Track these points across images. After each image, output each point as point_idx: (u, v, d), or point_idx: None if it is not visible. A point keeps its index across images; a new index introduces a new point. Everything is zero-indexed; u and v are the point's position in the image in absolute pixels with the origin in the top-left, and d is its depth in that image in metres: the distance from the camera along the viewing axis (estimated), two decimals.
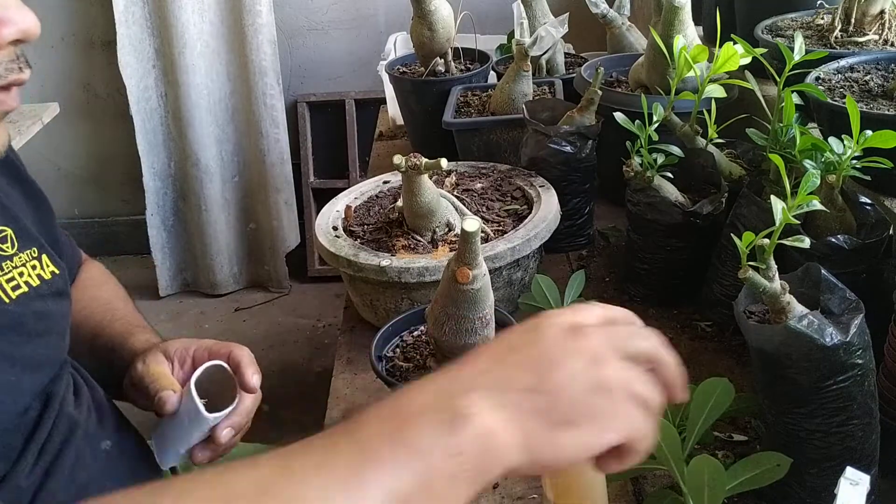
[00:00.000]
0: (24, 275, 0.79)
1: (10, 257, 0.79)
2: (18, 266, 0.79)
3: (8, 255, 0.78)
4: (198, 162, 2.73)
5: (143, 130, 2.73)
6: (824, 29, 1.32)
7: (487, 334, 0.88)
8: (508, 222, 1.20)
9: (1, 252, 0.78)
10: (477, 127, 1.47)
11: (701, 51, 1.11)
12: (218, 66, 2.70)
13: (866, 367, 0.72)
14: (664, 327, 1.14)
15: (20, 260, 0.79)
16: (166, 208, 2.84)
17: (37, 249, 0.82)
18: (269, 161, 2.76)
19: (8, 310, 0.76)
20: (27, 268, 0.80)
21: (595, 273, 1.31)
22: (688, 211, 1.12)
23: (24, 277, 0.79)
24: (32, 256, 0.81)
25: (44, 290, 0.81)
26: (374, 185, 1.35)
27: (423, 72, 1.71)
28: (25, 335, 0.77)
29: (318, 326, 2.69)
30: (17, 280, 0.78)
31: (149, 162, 2.76)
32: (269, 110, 2.71)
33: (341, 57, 2.91)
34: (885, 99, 1.06)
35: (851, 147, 0.86)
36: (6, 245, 0.79)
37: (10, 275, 0.78)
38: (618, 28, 1.70)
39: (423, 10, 1.61)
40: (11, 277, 0.78)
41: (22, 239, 0.81)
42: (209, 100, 2.70)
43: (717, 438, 0.93)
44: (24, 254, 0.80)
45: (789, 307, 0.73)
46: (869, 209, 0.93)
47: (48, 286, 0.82)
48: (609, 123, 1.23)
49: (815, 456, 0.75)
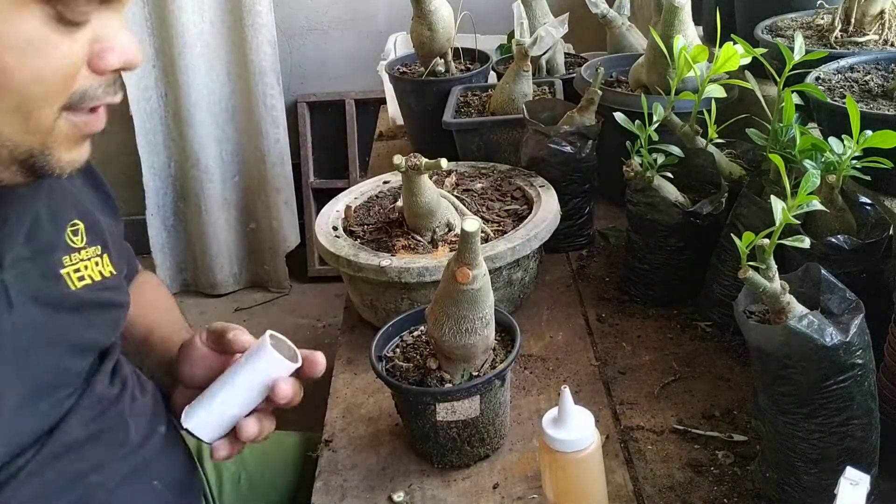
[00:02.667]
0: (87, 268, 0.83)
1: (79, 250, 0.83)
2: (84, 259, 0.83)
3: (76, 248, 0.82)
4: (198, 162, 2.73)
5: (143, 130, 2.73)
6: (824, 29, 1.32)
7: (487, 334, 0.88)
8: (508, 222, 1.20)
9: (71, 243, 0.82)
10: (477, 127, 1.47)
11: (701, 51, 1.11)
12: (218, 66, 2.70)
13: (866, 367, 0.72)
14: (664, 327, 1.15)
15: (87, 254, 0.83)
16: (166, 208, 2.84)
17: (101, 248, 0.86)
18: (269, 161, 2.76)
19: (73, 294, 0.80)
20: (91, 263, 0.84)
21: (595, 273, 1.31)
22: (688, 211, 1.12)
23: (88, 271, 0.83)
24: (97, 254, 0.85)
25: (102, 286, 0.85)
26: (374, 185, 1.35)
27: (423, 72, 1.71)
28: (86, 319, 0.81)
29: (318, 326, 2.69)
30: (83, 272, 0.82)
31: (149, 162, 2.76)
32: (269, 110, 2.71)
33: (341, 57, 2.91)
34: (885, 99, 1.06)
35: (851, 147, 0.86)
36: (77, 238, 0.83)
37: (77, 266, 0.82)
38: (618, 28, 1.70)
39: (423, 10, 1.61)
40: (78, 269, 0.82)
41: (91, 235, 0.85)
42: (209, 100, 2.69)
43: (717, 438, 0.93)
44: (91, 249, 0.84)
45: (789, 307, 0.73)
46: (869, 209, 0.93)
47: (106, 284, 0.85)
48: (609, 123, 1.23)
49: (815, 456, 0.75)
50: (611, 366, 1.08)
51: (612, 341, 1.13)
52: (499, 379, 0.89)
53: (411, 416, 0.92)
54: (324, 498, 0.91)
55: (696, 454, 0.91)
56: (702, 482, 0.87)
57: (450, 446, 0.91)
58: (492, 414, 0.91)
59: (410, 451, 0.97)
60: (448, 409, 0.88)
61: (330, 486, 0.93)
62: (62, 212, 0.82)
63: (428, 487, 0.91)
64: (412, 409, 0.91)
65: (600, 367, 1.08)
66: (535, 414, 1.00)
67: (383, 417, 1.03)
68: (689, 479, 0.88)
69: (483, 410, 0.90)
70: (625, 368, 1.07)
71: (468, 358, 0.89)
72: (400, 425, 0.99)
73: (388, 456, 0.97)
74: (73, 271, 0.81)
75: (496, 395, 0.91)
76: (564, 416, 0.77)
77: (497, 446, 0.95)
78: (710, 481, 0.87)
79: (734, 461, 0.90)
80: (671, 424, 0.96)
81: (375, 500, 0.90)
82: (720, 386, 1.02)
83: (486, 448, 0.93)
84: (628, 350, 1.11)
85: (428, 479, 0.93)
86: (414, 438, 0.95)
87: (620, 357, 1.10)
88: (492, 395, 0.90)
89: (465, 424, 0.90)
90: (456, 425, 0.89)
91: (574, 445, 0.76)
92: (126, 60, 0.66)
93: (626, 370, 1.07)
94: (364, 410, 1.05)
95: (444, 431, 0.90)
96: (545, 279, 1.29)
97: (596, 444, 0.78)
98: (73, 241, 0.82)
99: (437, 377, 0.89)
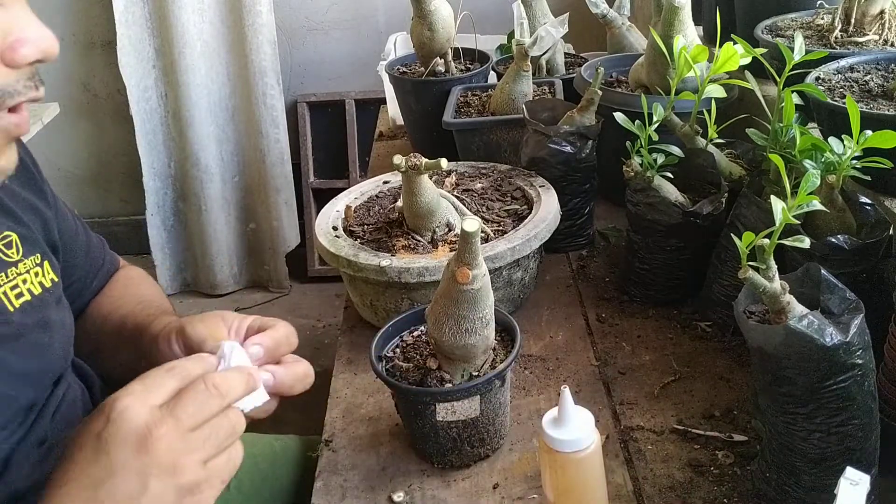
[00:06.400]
0: (27, 282, 0.78)
1: (15, 263, 0.78)
2: (22, 273, 0.78)
3: (13, 262, 0.78)
4: (198, 162, 2.73)
5: (143, 130, 2.73)
6: (824, 29, 1.32)
7: (487, 334, 0.88)
8: (508, 222, 1.20)
9: (6, 258, 0.77)
10: (477, 127, 1.47)
11: (701, 51, 1.11)
12: (218, 66, 2.70)
13: (866, 367, 0.72)
14: (664, 327, 1.15)
15: (24, 266, 0.79)
16: (166, 208, 2.85)
17: (40, 256, 0.82)
18: (269, 161, 2.76)
19: (12, 320, 0.75)
20: (30, 275, 0.79)
21: (595, 273, 1.31)
22: (688, 211, 1.12)
23: (27, 285, 0.78)
24: (36, 263, 0.80)
25: (46, 298, 0.80)
26: (374, 185, 1.35)
27: (423, 72, 1.71)
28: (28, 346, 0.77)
29: (318, 326, 2.69)
30: (21, 287, 0.77)
31: (149, 162, 2.76)
32: (269, 110, 2.71)
33: (341, 57, 2.91)
34: (885, 99, 1.06)
35: (851, 147, 0.86)
36: (11, 251, 0.78)
37: (15, 282, 0.77)
38: (618, 28, 1.70)
39: (423, 10, 1.61)
40: (15, 285, 0.77)
41: (27, 244, 0.80)
42: (209, 100, 2.70)
43: (716, 438, 0.93)
44: (29, 260, 0.80)
45: (789, 307, 0.73)
46: (869, 209, 0.93)
47: (49, 294, 0.81)
48: (609, 123, 1.23)
49: (815, 456, 0.75)
50: (611, 366, 1.08)
51: (612, 341, 1.13)
52: (499, 379, 0.89)
53: (411, 416, 0.92)
54: (324, 498, 0.91)
55: (696, 454, 0.91)
56: (702, 482, 0.87)
57: (450, 446, 0.91)
58: (492, 414, 0.91)
59: (410, 451, 0.97)
60: (448, 409, 0.88)
61: (330, 486, 0.93)
62: None
63: (428, 487, 0.91)
64: (412, 409, 0.91)
65: (600, 367, 1.08)
66: (535, 414, 1.00)
67: (383, 417, 1.03)
68: (689, 479, 0.88)
69: (483, 410, 0.90)
70: (625, 368, 1.07)
71: (468, 358, 0.89)
72: (400, 425, 0.99)
73: (388, 456, 0.97)
74: (9, 289, 0.76)
75: (496, 395, 0.91)
76: (564, 416, 0.77)
77: (497, 446, 0.95)
78: (710, 481, 0.87)
79: (734, 461, 0.90)
80: (671, 424, 0.96)
81: (375, 500, 0.90)
82: (720, 386, 1.02)
83: (486, 448, 0.93)
84: (628, 350, 1.11)
85: (428, 479, 0.93)
86: (414, 438, 0.95)
87: (620, 357, 1.10)
88: (492, 395, 0.90)
89: (465, 424, 0.90)
90: (456, 425, 0.89)
91: (574, 445, 0.76)
92: (43, 50, 0.64)
93: (626, 370, 1.07)
94: (364, 410, 1.05)
95: (444, 431, 0.90)
96: (545, 279, 1.29)
97: (596, 444, 0.78)
98: (7, 255, 0.77)
99: (437, 377, 0.89)
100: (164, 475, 0.60)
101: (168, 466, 0.60)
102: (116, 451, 0.60)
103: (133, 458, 0.60)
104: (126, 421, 0.61)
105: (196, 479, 0.62)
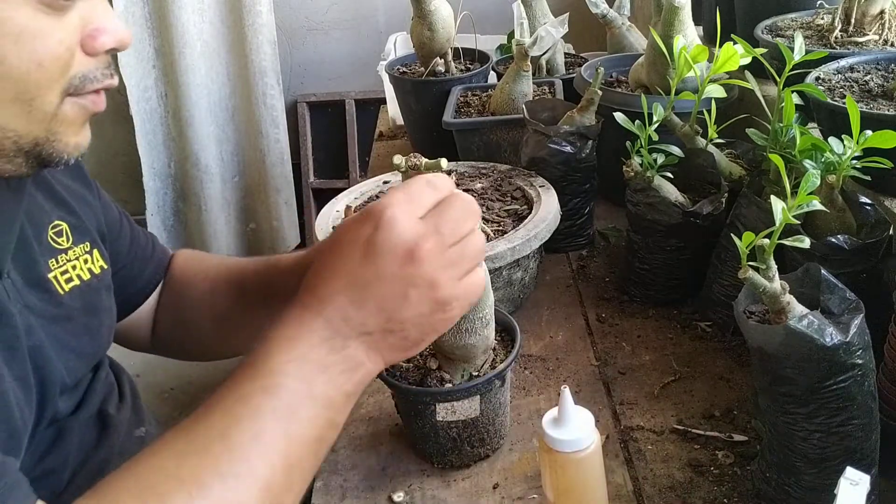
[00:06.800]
0: (76, 268, 0.83)
1: (65, 250, 0.82)
2: (72, 259, 0.83)
3: (63, 249, 0.82)
4: (198, 162, 2.73)
5: (143, 130, 2.73)
6: (824, 29, 1.32)
7: (487, 334, 0.88)
8: (508, 222, 1.20)
9: (57, 245, 0.81)
10: (477, 127, 1.47)
11: (701, 51, 1.11)
12: (218, 66, 2.70)
13: (866, 367, 0.72)
14: (664, 327, 1.15)
15: (74, 254, 0.83)
16: (166, 208, 2.84)
17: (89, 244, 0.86)
18: (269, 161, 2.76)
19: (62, 302, 0.79)
20: (80, 261, 0.83)
21: (595, 273, 1.31)
22: (688, 211, 1.12)
23: (77, 271, 0.82)
24: (85, 251, 0.85)
25: (94, 284, 0.84)
26: (374, 185, 1.35)
27: (423, 72, 1.71)
28: (79, 327, 0.81)
29: None
30: (70, 273, 0.82)
31: (149, 162, 2.76)
32: (269, 110, 2.71)
33: (341, 57, 2.91)
34: (885, 99, 1.06)
35: (851, 147, 0.86)
36: (62, 239, 0.82)
37: (65, 268, 0.81)
38: (618, 28, 1.70)
39: (423, 10, 1.61)
40: (65, 270, 0.81)
41: (77, 233, 0.84)
42: (209, 100, 2.69)
43: (716, 438, 0.93)
44: (78, 248, 0.84)
45: (789, 307, 0.73)
46: (869, 209, 0.93)
47: (98, 280, 0.85)
48: (609, 123, 1.23)
49: (815, 456, 0.75)
50: (611, 366, 1.08)
51: (612, 341, 1.13)
52: (499, 379, 0.89)
53: (411, 416, 0.92)
54: (324, 498, 0.91)
55: (696, 454, 0.91)
56: (702, 482, 0.87)
57: (450, 446, 0.91)
58: (492, 414, 0.91)
59: (410, 451, 0.97)
60: (448, 409, 0.88)
61: (330, 486, 0.93)
62: (41, 215, 0.81)
63: (428, 487, 0.91)
64: (412, 409, 0.91)
65: (600, 367, 1.08)
66: (535, 414, 1.00)
67: (383, 417, 1.03)
68: (689, 479, 0.88)
69: (483, 410, 0.90)
70: (625, 368, 1.07)
71: (468, 358, 0.89)
72: (400, 425, 0.99)
73: (388, 456, 0.97)
74: (60, 273, 0.80)
75: (496, 396, 0.91)
76: (564, 416, 0.77)
77: (497, 446, 0.95)
78: (710, 481, 0.87)
79: (734, 461, 0.90)
80: (671, 424, 0.96)
81: (375, 500, 0.90)
82: (720, 386, 1.02)
83: (486, 448, 0.93)
84: (628, 350, 1.11)
85: (428, 479, 0.93)
86: (414, 438, 0.95)
87: (620, 357, 1.10)
88: (492, 395, 0.90)
89: (465, 424, 0.90)
90: (456, 425, 0.89)
91: (574, 445, 0.76)
92: (118, 40, 0.68)
93: (626, 370, 1.07)
94: (364, 410, 1.05)
95: (444, 431, 0.90)
96: (545, 279, 1.29)
97: (596, 445, 0.78)
98: (57, 242, 0.82)
99: (437, 377, 0.89)
100: (425, 288, 0.65)
101: (429, 280, 0.65)
102: (385, 259, 0.65)
103: (399, 268, 0.65)
104: (395, 232, 0.65)
105: (450, 294, 0.66)
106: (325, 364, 0.64)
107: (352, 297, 0.65)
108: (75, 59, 0.66)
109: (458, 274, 0.67)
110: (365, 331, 0.65)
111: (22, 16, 0.61)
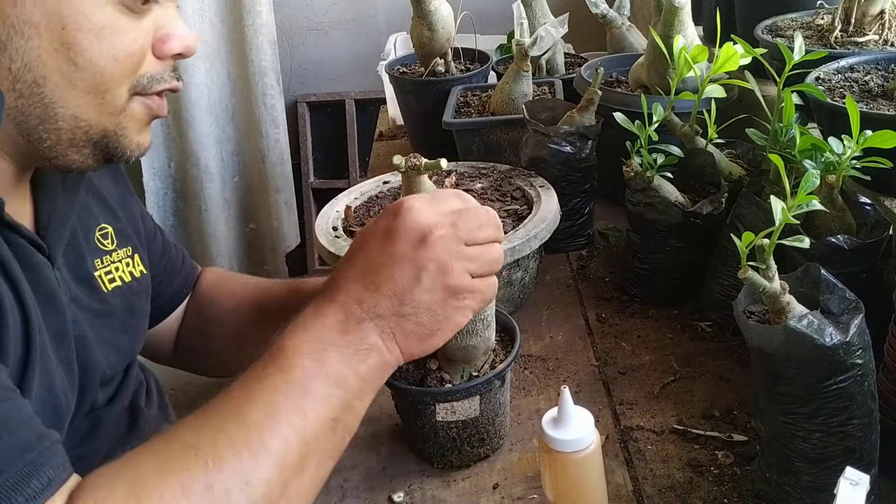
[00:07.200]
0: (118, 269, 0.86)
1: (109, 253, 0.86)
2: (116, 261, 0.86)
3: (107, 251, 0.86)
4: (198, 162, 2.73)
5: None
6: (824, 29, 1.32)
7: (488, 336, 0.88)
8: (508, 222, 1.19)
9: (102, 247, 0.85)
10: (477, 127, 1.47)
11: (701, 51, 1.11)
12: (218, 66, 2.70)
13: (866, 367, 0.72)
14: (664, 327, 1.15)
15: (117, 256, 0.86)
16: (166, 208, 2.84)
17: (131, 249, 0.89)
18: (269, 161, 2.76)
19: (105, 299, 0.82)
20: (122, 264, 0.87)
21: (595, 273, 1.31)
22: (688, 211, 1.12)
23: (119, 272, 0.86)
24: (127, 255, 0.88)
25: (134, 287, 0.87)
26: (374, 185, 1.35)
27: (423, 72, 1.71)
28: (119, 325, 0.84)
29: None
30: (113, 274, 0.85)
31: (149, 162, 2.76)
32: (269, 110, 2.71)
33: (341, 57, 2.91)
34: (885, 99, 1.06)
35: (851, 147, 0.86)
36: (107, 241, 0.86)
37: (108, 268, 0.85)
38: (618, 28, 1.70)
39: (423, 10, 1.61)
40: (109, 271, 0.85)
41: (120, 237, 0.88)
42: (209, 100, 2.69)
43: (716, 438, 0.93)
44: (121, 251, 0.87)
45: (789, 307, 0.73)
46: (869, 209, 0.93)
47: (138, 284, 0.88)
48: (609, 123, 1.23)
49: (815, 456, 0.75)
50: (611, 366, 1.08)
51: (612, 341, 1.13)
52: (499, 379, 0.89)
53: (411, 416, 0.92)
54: (324, 498, 0.91)
55: (696, 454, 0.91)
56: (702, 482, 0.87)
57: (450, 446, 0.91)
58: (492, 414, 0.91)
59: (410, 451, 0.96)
60: (448, 410, 0.88)
61: (330, 486, 0.93)
62: (91, 217, 0.85)
63: (428, 487, 0.91)
64: (412, 409, 0.91)
65: (600, 367, 1.08)
66: (535, 414, 1.00)
67: (383, 417, 1.03)
68: (689, 479, 0.88)
69: (483, 410, 0.90)
70: (625, 368, 1.07)
71: (469, 359, 0.89)
72: (400, 425, 0.99)
73: (387, 456, 0.97)
74: (104, 273, 0.84)
75: (496, 396, 0.91)
76: (564, 416, 0.77)
77: (497, 446, 0.95)
78: (710, 481, 0.87)
79: (734, 461, 0.90)
80: (671, 424, 0.96)
81: (375, 500, 0.90)
82: (720, 386, 1.02)
83: (486, 448, 0.93)
84: (628, 350, 1.11)
85: (428, 479, 0.93)
86: (414, 438, 0.95)
87: (620, 357, 1.10)
88: (492, 395, 0.90)
89: (465, 424, 0.90)
90: (456, 425, 0.89)
91: (574, 445, 0.76)
92: (186, 46, 0.72)
93: (626, 370, 1.07)
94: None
95: (444, 431, 0.90)
96: (545, 279, 1.29)
97: (596, 445, 0.78)
98: (103, 244, 0.85)
99: (437, 377, 0.89)
100: (436, 271, 0.68)
101: (441, 264, 0.68)
102: (399, 242, 0.69)
103: (412, 250, 0.68)
104: (413, 219, 0.69)
105: (461, 284, 0.70)
106: (338, 344, 0.67)
107: (365, 282, 0.68)
108: (146, 59, 0.70)
109: (471, 269, 0.70)
110: (378, 313, 0.68)
111: (105, 14, 0.66)
